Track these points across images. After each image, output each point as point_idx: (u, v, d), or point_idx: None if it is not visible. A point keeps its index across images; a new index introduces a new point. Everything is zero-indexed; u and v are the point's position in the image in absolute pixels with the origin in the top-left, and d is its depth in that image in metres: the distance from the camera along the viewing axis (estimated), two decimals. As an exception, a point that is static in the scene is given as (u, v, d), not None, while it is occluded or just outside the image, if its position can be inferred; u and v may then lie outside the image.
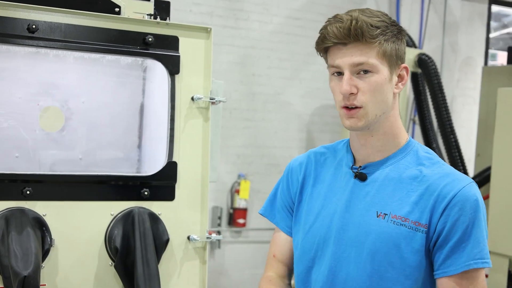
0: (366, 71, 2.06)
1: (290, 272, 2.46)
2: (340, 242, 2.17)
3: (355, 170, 2.21)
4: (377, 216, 2.12)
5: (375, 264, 2.11)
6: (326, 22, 2.11)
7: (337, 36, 2.04)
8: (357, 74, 2.06)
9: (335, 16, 2.09)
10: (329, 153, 2.37)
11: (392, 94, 2.13)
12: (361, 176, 2.20)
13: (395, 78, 2.14)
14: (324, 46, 2.11)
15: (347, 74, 2.06)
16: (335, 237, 2.18)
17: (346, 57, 2.06)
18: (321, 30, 2.12)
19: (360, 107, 2.07)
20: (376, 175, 2.18)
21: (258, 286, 2.45)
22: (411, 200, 2.10)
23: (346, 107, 2.09)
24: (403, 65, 2.16)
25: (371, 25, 2.03)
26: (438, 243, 2.07)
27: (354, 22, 2.02)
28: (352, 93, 2.05)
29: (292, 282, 2.43)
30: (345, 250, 2.16)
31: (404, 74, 2.17)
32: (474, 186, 2.11)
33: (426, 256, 2.10)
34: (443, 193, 2.06)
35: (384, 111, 2.12)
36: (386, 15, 2.12)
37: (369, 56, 2.05)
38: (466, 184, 2.09)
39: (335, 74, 2.11)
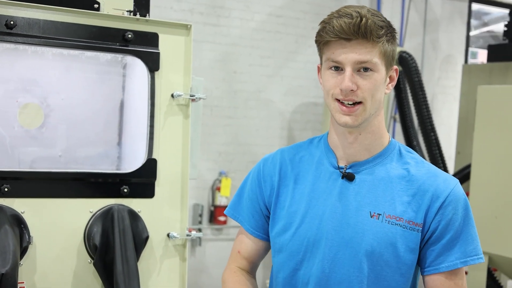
0: (366, 69, 2.07)
1: (253, 268, 2.47)
2: (332, 243, 2.16)
3: (342, 170, 2.21)
4: (371, 217, 2.14)
5: (372, 264, 2.12)
6: (330, 15, 2.11)
7: (344, 31, 2.04)
8: (357, 71, 2.07)
9: (339, 11, 2.08)
10: (303, 152, 2.35)
11: (383, 94, 2.16)
12: (349, 176, 2.19)
13: (386, 79, 2.16)
14: (327, 39, 2.09)
15: (349, 70, 2.06)
16: (326, 238, 2.17)
17: (351, 54, 2.06)
18: (324, 22, 2.11)
19: (360, 103, 2.08)
20: (365, 175, 2.19)
21: (222, 277, 2.45)
22: (404, 200, 2.13)
23: (342, 103, 2.09)
24: (394, 66, 2.18)
25: (378, 25, 2.05)
26: (430, 240, 2.13)
27: (364, 19, 2.02)
28: (352, 90, 2.06)
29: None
30: (339, 250, 2.15)
31: (394, 75, 2.20)
32: (460, 184, 2.18)
33: (417, 254, 2.15)
34: (437, 192, 2.12)
35: (376, 110, 2.14)
36: (382, 15, 2.13)
37: (373, 54, 2.06)
38: (455, 183, 2.15)
39: (333, 68, 2.10)
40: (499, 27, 9.30)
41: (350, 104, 2.08)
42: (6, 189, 2.77)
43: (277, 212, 2.32)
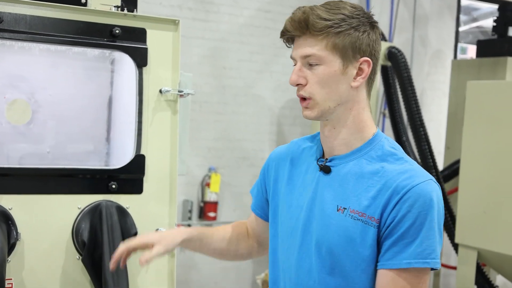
0: (314, 63, 2.10)
1: (254, 238, 2.62)
2: (305, 234, 2.19)
3: (321, 163, 2.22)
4: (337, 210, 2.13)
5: (334, 257, 2.12)
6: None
7: (287, 29, 2.13)
8: (308, 65, 2.11)
9: (294, 10, 2.14)
10: (307, 144, 2.39)
11: (348, 87, 2.13)
12: (325, 169, 2.21)
13: (352, 71, 2.12)
14: (282, 38, 2.19)
15: (298, 65, 2.13)
16: (302, 230, 2.21)
17: (298, 49, 2.12)
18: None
19: (309, 98, 2.12)
20: (340, 169, 2.18)
21: None
22: (370, 195, 2.09)
23: (300, 98, 2.16)
24: (363, 58, 2.12)
25: (321, 18, 2.06)
26: (384, 235, 2.06)
27: (303, 15, 2.08)
28: (300, 84, 2.12)
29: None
30: (310, 242, 2.18)
31: (365, 67, 2.14)
32: (432, 184, 2.07)
33: (377, 250, 2.09)
34: (398, 188, 2.04)
35: (339, 103, 2.13)
36: (356, 8, 2.12)
37: (316, 48, 2.08)
38: (422, 180, 2.05)
39: (293, 65, 2.17)
40: (488, 23, 9.31)
41: (303, 99, 2.14)
42: (-7, 186, 2.76)
43: (274, 201, 2.39)
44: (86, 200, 2.95)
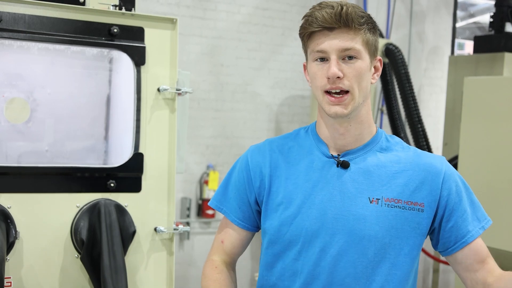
0: (351, 57, 2.11)
1: (234, 260, 2.48)
2: (333, 231, 2.17)
3: (337, 158, 2.22)
4: (371, 202, 2.17)
5: (376, 248, 2.16)
6: (311, 8, 2.16)
7: (327, 21, 2.09)
8: (342, 59, 2.11)
9: (321, 4, 2.14)
10: (291, 143, 2.35)
11: (369, 83, 2.19)
12: (344, 164, 2.21)
13: (372, 69, 2.20)
14: (311, 30, 2.13)
15: (334, 58, 2.10)
16: (327, 228, 2.18)
17: (335, 41, 2.10)
18: (306, 15, 2.16)
19: (347, 92, 2.12)
20: (358, 163, 2.22)
21: (203, 269, 2.43)
22: (399, 182, 2.19)
23: (330, 94, 2.12)
24: (378, 57, 2.23)
25: (358, 14, 2.11)
26: (445, 217, 2.21)
27: (345, 8, 2.08)
28: (338, 77, 2.09)
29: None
30: (340, 238, 2.17)
31: (379, 66, 2.24)
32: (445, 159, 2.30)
33: (423, 235, 2.20)
34: (434, 170, 2.21)
35: (364, 99, 2.18)
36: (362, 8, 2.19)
37: (356, 42, 2.11)
38: (443, 159, 2.28)
39: (318, 60, 2.15)
40: (485, 18, 9.31)
41: (338, 94, 2.11)
42: (-8, 185, 2.77)
43: (270, 203, 2.31)
44: (85, 198, 2.96)
